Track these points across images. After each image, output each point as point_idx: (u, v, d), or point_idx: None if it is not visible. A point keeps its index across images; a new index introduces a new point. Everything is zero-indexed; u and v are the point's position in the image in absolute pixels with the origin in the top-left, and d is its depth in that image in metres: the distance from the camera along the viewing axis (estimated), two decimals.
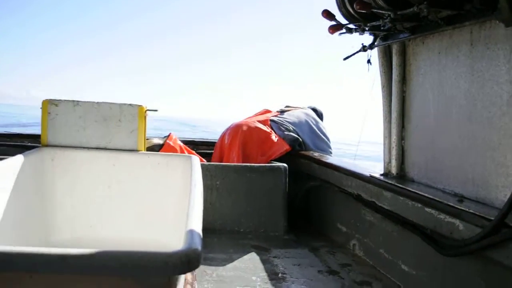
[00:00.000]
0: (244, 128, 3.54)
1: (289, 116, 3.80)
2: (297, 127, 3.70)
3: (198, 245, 1.02)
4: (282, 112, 3.92)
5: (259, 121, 3.64)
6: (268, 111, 4.01)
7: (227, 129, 3.67)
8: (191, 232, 1.12)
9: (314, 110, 4.17)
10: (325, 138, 3.85)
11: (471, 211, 1.79)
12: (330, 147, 3.86)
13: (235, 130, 3.56)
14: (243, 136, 3.48)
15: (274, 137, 3.52)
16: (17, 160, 2.05)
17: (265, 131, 3.55)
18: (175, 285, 1.07)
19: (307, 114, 3.90)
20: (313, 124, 3.83)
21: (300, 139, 3.63)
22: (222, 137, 3.68)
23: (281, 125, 3.64)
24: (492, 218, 1.64)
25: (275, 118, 3.73)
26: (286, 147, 3.50)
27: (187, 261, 0.96)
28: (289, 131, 3.63)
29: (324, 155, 3.52)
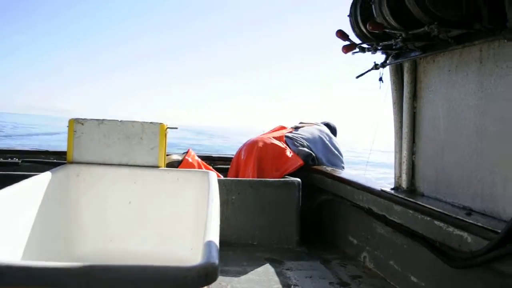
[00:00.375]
0: (260, 144, 3.56)
1: (303, 132, 3.81)
2: (311, 143, 3.71)
3: (215, 259, 1.03)
4: (296, 128, 3.94)
5: (274, 137, 3.66)
6: (283, 127, 4.03)
7: (244, 145, 3.70)
8: (208, 247, 1.14)
9: (328, 125, 4.18)
10: (338, 154, 3.85)
11: (479, 224, 1.78)
12: (342, 162, 3.86)
13: (251, 146, 3.58)
14: (259, 151, 3.50)
15: (289, 153, 3.54)
16: (46, 177, 2.10)
17: (280, 147, 3.56)
18: None
19: (320, 131, 3.92)
20: (327, 140, 3.84)
21: (314, 155, 3.64)
22: (239, 153, 3.70)
23: (295, 141, 3.66)
24: (500, 231, 1.63)
25: (289, 134, 3.75)
26: (300, 162, 3.50)
27: (204, 274, 0.98)
28: (303, 146, 3.64)
29: (336, 169, 3.52)
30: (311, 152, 3.64)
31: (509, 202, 1.79)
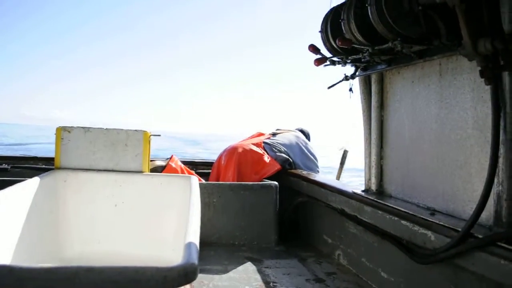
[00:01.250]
0: (239, 150, 3.58)
1: (281, 139, 3.85)
2: (288, 149, 3.75)
3: (195, 259, 1.05)
4: (274, 134, 3.97)
5: (253, 144, 3.68)
6: (261, 134, 4.06)
7: (224, 151, 3.71)
8: (189, 248, 1.15)
9: (301, 131, 4.23)
10: (314, 158, 3.89)
11: (441, 223, 1.83)
12: (317, 166, 3.90)
13: (231, 152, 3.60)
14: (238, 157, 3.52)
15: (267, 158, 3.57)
16: (34, 182, 2.09)
17: (259, 152, 3.59)
18: None
19: (297, 137, 3.96)
20: (303, 145, 3.89)
21: (291, 160, 3.68)
22: (219, 158, 3.71)
23: (273, 147, 3.69)
24: (460, 229, 1.68)
25: (268, 141, 3.77)
26: (277, 166, 3.54)
27: (184, 274, 0.99)
28: (281, 152, 3.67)
29: (311, 173, 3.56)
30: (288, 157, 3.67)
31: (468, 203, 1.84)
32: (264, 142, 3.73)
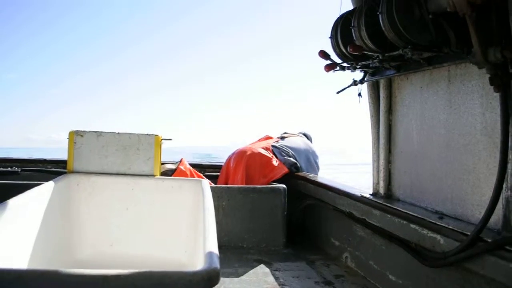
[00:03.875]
0: (248, 153, 3.62)
1: (289, 143, 3.90)
2: (296, 153, 3.80)
3: (217, 264, 1.09)
4: (282, 138, 4.02)
5: (261, 147, 3.73)
6: (269, 137, 4.11)
7: (233, 154, 3.75)
8: (210, 252, 1.19)
9: (305, 134, 4.31)
10: (316, 167, 3.95)
11: (450, 227, 1.86)
12: (317, 174, 3.96)
13: (240, 155, 3.64)
14: (247, 160, 3.56)
15: (275, 162, 3.61)
16: (49, 186, 2.13)
17: (267, 156, 3.63)
18: None
19: (304, 143, 4.03)
20: (309, 152, 3.94)
21: (298, 164, 3.72)
22: (228, 161, 3.75)
23: (282, 151, 3.74)
24: (469, 233, 1.71)
25: (276, 144, 3.82)
26: (285, 170, 3.58)
27: (208, 278, 1.03)
28: (289, 156, 3.72)
29: (319, 176, 3.60)
30: (296, 161, 3.72)
31: (477, 207, 1.87)
32: (272, 146, 3.77)
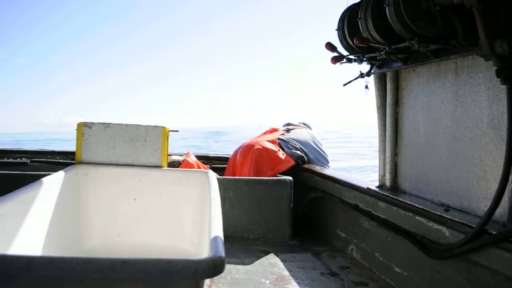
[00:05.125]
0: (256, 147, 3.64)
1: (295, 135, 3.93)
2: (303, 145, 3.83)
3: (222, 252, 1.10)
4: (288, 131, 4.04)
5: (268, 140, 3.75)
6: (275, 130, 4.13)
7: (240, 148, 3.78)
8: (215, 241, 1.21)
9: (305, 124, 4.36)
10: (325, 154, 3.97)
11: (455, 219, 1.87)
12: (328, 161, 3.97)
13: (247, 150, 3.66)
14: (254, 154, 3.58)
15: (282, 155, 3.63)
16: (58, 176, 2.17)
17: (274, 149, 3.66)
18: (201, 287, 1.16)
19: (309, 133, 4.06)
20: (315, 142, 3.96)
21: (305, 157, 3.75)
22: (235, 155, 3.78)
23: (289, 144, 3.77)
24: (474, 226, 1.72)
25: (283, 137, 3.85)
26: (291, 162, 3.60)
27: (213, 266, 1.04)
28: (296, 149, 3.75)
29: (325, 168, 3.61)
30: (303, 154, 3.75)
31: (482, 200, 1.87)
32: (279, 139, 3.79)
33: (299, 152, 3.73)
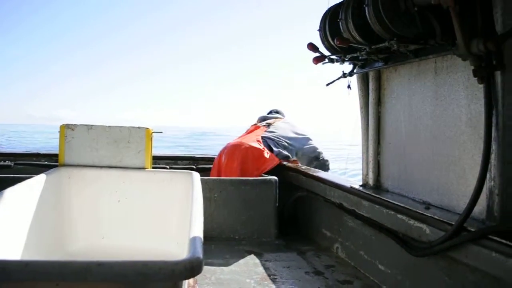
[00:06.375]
0: (241, 147, 3.64)
1: (277, 130, 3.95)
2: (289, 139, 3.87)
3: (200, 253, 1.10)
4: (268, 125, 4.05)
5: (253, 140, 3.75)
6: (257, 127, 4.10)
7: (224, 149, 3.77)
8: (193, 242, 1.21)
9: (277, 112, 4.43)
10: (309, 138, 4.03)
11: (436, 217, 1.88)
12: (310, 139, 4.06)
13: (231, 151, 3.65)
14: (240, 155, 3.58)
15: (266, 154, 3.64)
16: (40, 179, 2.14)
17: (259, 148, 3.66)
18: None
19: (288, 124, 4.11)
20: (296, 131, 4.02)
21: (292, 153, 3.78)
22: (220, 156, 3.76)
23: (276, 142, 3.79)
24: (453, 223, 1.74)
25: (268, 135, 3.86)
26: (276, 161, 3.61)
27: (190, 268, 1.04)
28: (285, 147, 3.79)
29: (310, 168, 3.62)
30: (289, 154, 3.78)
31: (462, 197, 1.89)
32: (263, 137, 3.80)
33: (285, 152, 3.75)
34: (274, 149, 3.71)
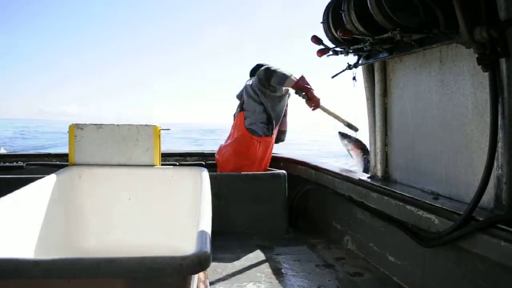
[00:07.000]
0: (230, 146, 3.51)
1: (247, 107, 3.50)
2: (269, 109, 3.44)
3: (207, 248, 1.11)
4: (242, 109, 3.55)
5: (239, 136, 3.49)
6: (240, 117, 3.56)
7: (217, 153, 3.67)
8: (201, 237, 1.22)
9: (255, 69, 3.68)
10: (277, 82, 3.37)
11: (444, 207, 1.88)
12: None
13: (222, 150, 3.57)
14: (228, 158, 3.48)
15: (256, 142, 3.42)
16: (51, 179, 2.17)
17: (246, 141, 3.42)
18: (189, 283, 1.17)
19: (246, 91, 3.56)
20: (258, 91, 3.45)
21: (268, 126, 3.45)
22: (218, 152, 3.65)
23: (258, 126, 3.44)
24: (462, 213, 1.73)
25: (247, 121, 3.46)
26: (269, 141, 3.45)
27: (198, 262, 1.05)
28: (263, 121, 3.44)
29: (319, 162, 3.61)
30: (265, 125, 3.43)
31: (470, 187, 1.88)
32: (246, 127, 3.46)
33: (263, 126, 3.40)
34: (260, 131, 3.39)
